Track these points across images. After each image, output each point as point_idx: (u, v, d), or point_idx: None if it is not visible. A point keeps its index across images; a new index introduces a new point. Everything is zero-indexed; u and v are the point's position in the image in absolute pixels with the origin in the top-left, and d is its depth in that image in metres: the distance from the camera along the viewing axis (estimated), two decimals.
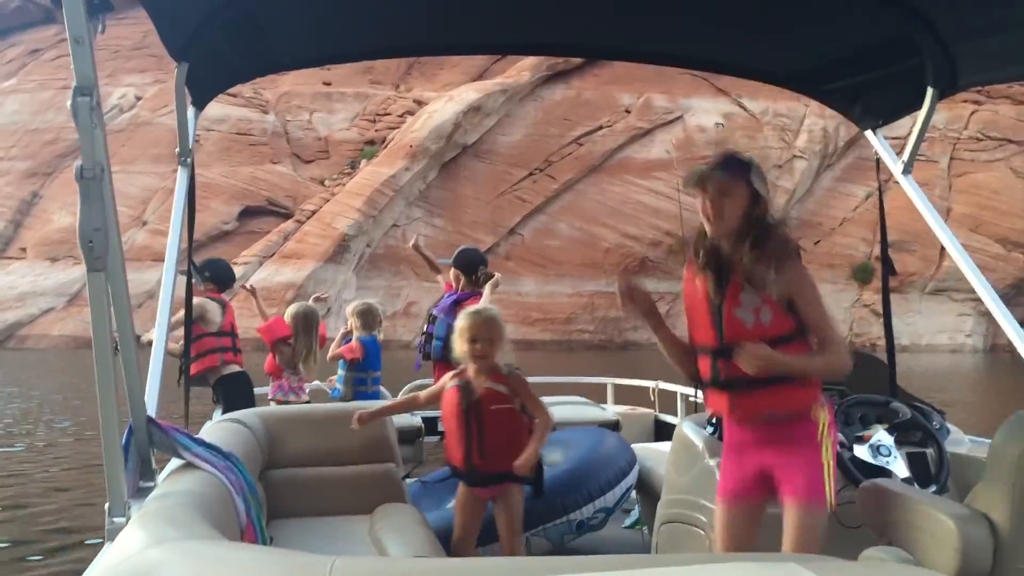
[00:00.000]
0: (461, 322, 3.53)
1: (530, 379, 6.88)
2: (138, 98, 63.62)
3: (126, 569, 1.48)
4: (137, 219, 57.38)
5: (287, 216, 58.49)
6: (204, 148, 59.90)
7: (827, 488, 2.58)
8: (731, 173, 2.66)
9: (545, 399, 6.09)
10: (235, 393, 6.09)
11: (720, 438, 3.14)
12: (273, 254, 53.91)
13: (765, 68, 3.94)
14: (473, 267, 5.56)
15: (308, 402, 6.56)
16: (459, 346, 3.51)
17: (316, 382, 6.87)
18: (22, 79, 66.89)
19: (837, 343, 2.60)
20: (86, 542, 6.97)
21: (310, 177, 61.95)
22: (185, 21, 2.90)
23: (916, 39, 3.21)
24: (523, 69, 62.06)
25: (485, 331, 3.48)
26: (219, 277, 6.57)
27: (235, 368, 6.30)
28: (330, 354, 6.52)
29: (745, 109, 62.97)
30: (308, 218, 56.82)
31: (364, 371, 6.76)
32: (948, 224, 3.64)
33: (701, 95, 62.06)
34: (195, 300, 5.95)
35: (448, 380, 3.58)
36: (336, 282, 52.23)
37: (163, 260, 3.05)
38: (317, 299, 7.93)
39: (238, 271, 6.66)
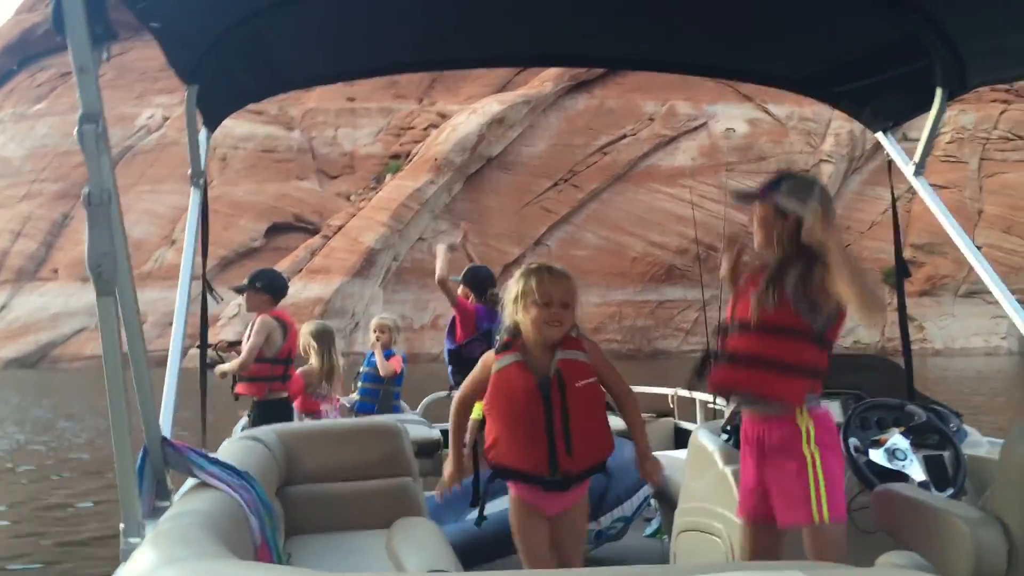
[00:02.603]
0: (524, 283, 2.86)
1: None
2: (165, 118, 64.44)
3: None
4: (166, 238, 58.07)
5: (314, 232, 58.91)
6: (231, 166, 60.58)
7: (812, 501, 2.64)
8: (775, 196, 2.81)
9: None
10: (270, 419, 5.87)
11: (735, 445, 3.13)
12: (301, 270, 54.27)
13: (775, 73, 3.94)
14: (483, 287, 5.48)
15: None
16: (521, 313, 2.82)
17: (340, 398, 6.89)
18: (52, 102, 67.97)
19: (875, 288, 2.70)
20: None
21: (336, 192, 62.39)
22: (193, 44, 2.93)
23: (924, 40, 3.19)
24: (546, 80, 62.18)
25: (562, 292, 2.83)
26: (273, 288, 6.14)
27: (283, 395, 6.02)
28: (388, 372, 6.58)
29: (770, 114, 62.64)
30: (335, 233, 57.19)
31: (398, 385, 6.84)
32: (980, 226, 3.61)
33: (726, 101, 61.83)
34: (261, 320, 5.88)
35: (493, 357, 2.90)
36: (363, 296, 52.51)
37: (192, 279, 3.09)
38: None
39: None
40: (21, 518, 9.25)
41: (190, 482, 2.47)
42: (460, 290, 5.47)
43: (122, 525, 2.10)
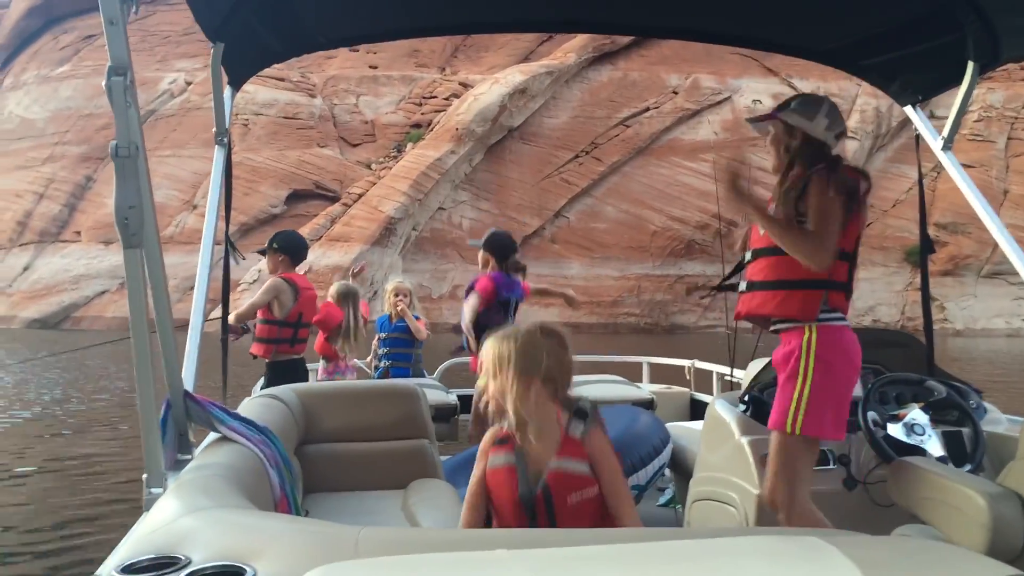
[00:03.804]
0: (491, 353, 2.31)
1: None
2: (188, 83, 64.52)
3: (160, 537, 1.52)
4: (188, 202, 58.34)
5: (334, 199, 59.01)
6: (252, 132, 60.66)
7: (789, 412, 2.74)
8: (784, 114, 3.00)
9: (579, 378, 6.11)
10: (283, 380, 5.91)
11: (752, 415, 3.14)
12: (320, 237, 54.45)
13: (804, 44, 3.90)
14: (505, 252, 5.41)
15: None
16: (516, 388, 2.25)
17: (356, 360, 6.95)
18: (76, 65, 68.16)
19: (814, 236, 2.73)
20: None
21: (357, 160, 62.40)
22: (220, 1, 2.94)
23: (957, 13, 3.14)
24: (569, 51, 61.75)
25: (532, 365, 2.27)
26: (290, 249, 6.14)
27: (293, 356, 6.03)
28: (422, 335, 6.70)
29: (795, 89, 61.98)
30: (355, 201, 57.27)
31: (419, 349, 6.93)
32: (1005, 206, 3.57)
33: (750, 75, 61.25)
34: (271, 281, 5.92)
35: (489, 447, 2.41)
36: (382, 265, 52.63)
37: (216, 243, 3.11)
38: (356, 274, 7.98)
39: None
40: (45, 470, 9.40)
41: (211, 437, 2.51)
42: (480, 255, 5.45)
43: (145, 476, 2.14)
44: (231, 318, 5.69)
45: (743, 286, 3.00)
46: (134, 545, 1.52)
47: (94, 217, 60.05)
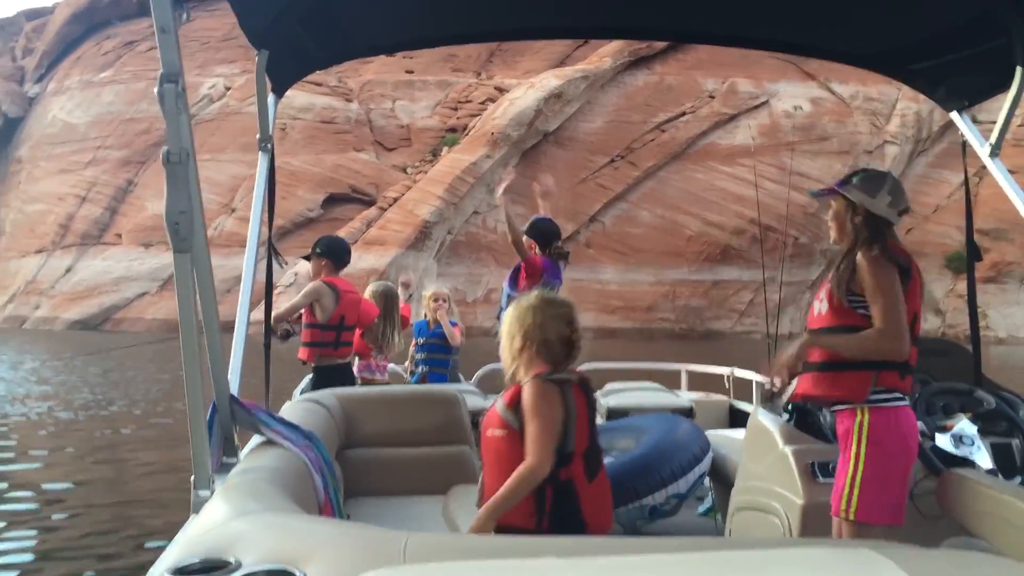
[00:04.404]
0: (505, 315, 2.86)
1: (604, 364, 6.84)
2: (227, 88, 65.25)
3: (210, 540, 1.53)
4: (226, 206, 58.97)
5: (370, 203, 59.35)
6: (290, 137, 61.18)
7: (844, 496, 2.73)
8: (846, 189, 2.98)
9: (618, 384, 6.08)
10: (327, 385, 5.89)
11: (796, 425, 3.11)
12: (356, 241, 54.80)
13: (848, 49, 3.84)
14: (548, 239, 5.40)
15: (388, 382, 6.67)
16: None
17: (392, 365, 6.96)
18: (117, 70, 69.21)
19: (882, 332, 2.72)
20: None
21: (392, 165, 62.72)
22: (265, 9, 2.97)
23: (1003, 18, 3.09)
24: (604, 55, 61.63)
25: (521, 327, 2.76)
26: (332, 253, 6.19)
27: (338, 361, 6.06)
28: (457, 341, 6.70)
29: (834, 93, 61.38)
30: (390, 205, 57.56)
31: (456, 355, 6.94)
32: None
33: (788, 79, 60.71)
34: (312, 285, 5.97)
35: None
36: (417, 268, 52.83)
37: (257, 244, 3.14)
38: (404, 286, 7.96)
39: None
40: (91, 473, 9.54)
41: (256, 440, 2.53)
42: (528, 241, 5.42)
43: (192, 478, 2.16)
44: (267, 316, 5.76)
45: (801, 367, 2.99)
46: (184, 548, 1.54)
47: (134, 220, 60.90)
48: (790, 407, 3.19)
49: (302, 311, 5.93)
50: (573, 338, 2.73)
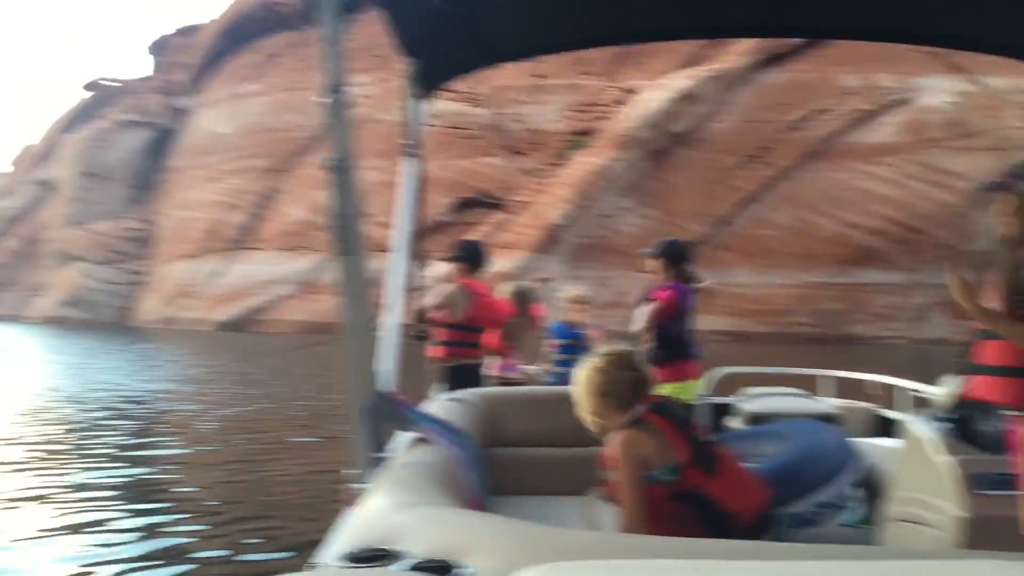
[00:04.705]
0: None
1: (741, 369, 6.70)
2: (363, 96, 67.24)
3: (374, 530, 1.59)
4: (364, 211, 60.67)
5: (499, 207, 59.97)
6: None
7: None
8: (1007, 181, 2.93)
9: (758, 390, 5.94)
10: (460, 384, 5.87)
11: (956, 433, 2.99)
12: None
13: (1007, 41, 3.62)
14: (681, 261, 5.34)
15: (524, 382, 6.75)
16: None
17: (528, 366, 7.03)
18: (262, 82, 72.36)
19: None
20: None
21: (521, 168, 63.19)
22: (418, 19, 3.06)
23: None
24: (737, 53, 60.32)
25: (595, 386, 2.97)
26: (467, 257, 6.36)
27: (471, 360, 6.22)
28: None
29: (984, 87, 58.16)
30: (519, 209, 57.99)
31: None
32: None
33: (933, 73, 57.88)
34: (447, 286, 6.14)
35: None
36: (546, 272, 53.03)
37: (385, 250, 3.25)
38: (537, 281, 8.07)
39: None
40: (240, 467, 9.99)
41: (405, 436, 2.61)
42: (653, 263, 5.38)
43: (348, 472, 2.26)
44: (405, 317, 5.93)
45: (973, 368, 2.93)
46: (350, 536, 1.60)
47: (277, 225, 63.53)
48: (951, 414, 3.07)
49: (438, 312, 6.09)
50: (640, 378, 2.94)
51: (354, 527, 1.71)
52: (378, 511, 1.73)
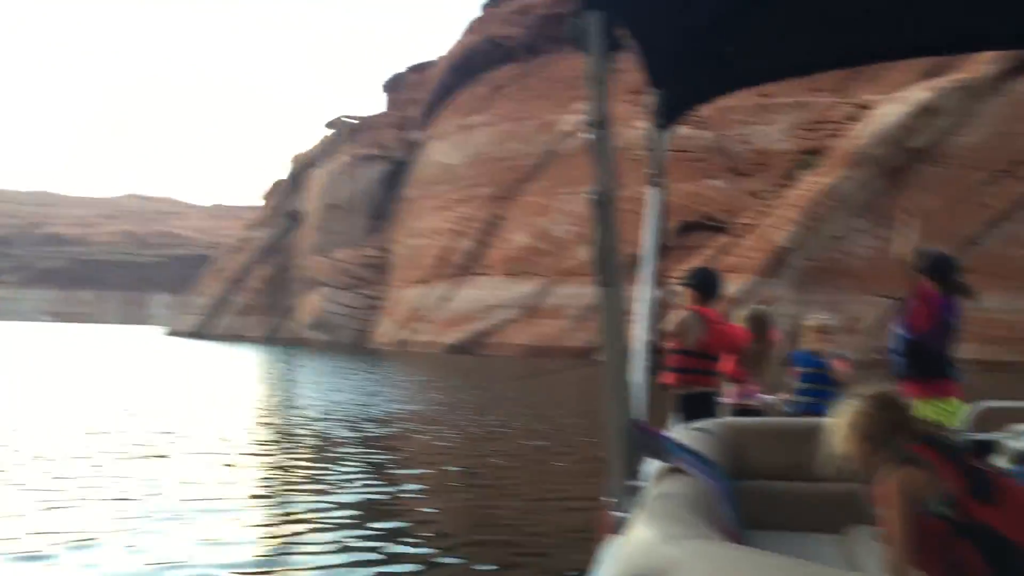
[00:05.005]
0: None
1: (1008, 403, 6.15)
2: (586, 123, 68.06)
3: (644, 561, 1.60)
4: (584, 236, 61.35)
5: (722, 230, 58.71)
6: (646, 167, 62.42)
7: None
8: None
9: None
10: (694, 412, 5.87)
11: None
12: None
13: None
14: (945, 273, 4.98)
15: (763, 410, 6.56)
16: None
17: (765, 395, 6.80)
18: (487, 114, 75.05)
19: None
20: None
21: (746, 190, 61.60)
22: (664, 50, 3.10)
23: None
24: (983, 61, 55.90)
25: (856, 429, 2.85)
26: (700, 284, 6.32)
27: (703, 388, 6.13)
28: (844, 377, 6.48)
29: None
30: (744, 232, 56.49)
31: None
32: None
33: None
34: (680, 313, 6.15)
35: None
36: (773, 296, 51.23)
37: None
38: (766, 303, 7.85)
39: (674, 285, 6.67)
40: (483, 492, 10.29)
41: (656, 464, 2.59)
42: (916, 277, 5.06)
43: (606, 499, 2.29)
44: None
45: None
46: (621, 566, 1.62)
47: (502, 252, 65.42)
48: None
49: (670, 339, 6.06)
50: (904, 417, 2.82)
51: (621, 557, 1.72)
52: (645, 542, 1.72)
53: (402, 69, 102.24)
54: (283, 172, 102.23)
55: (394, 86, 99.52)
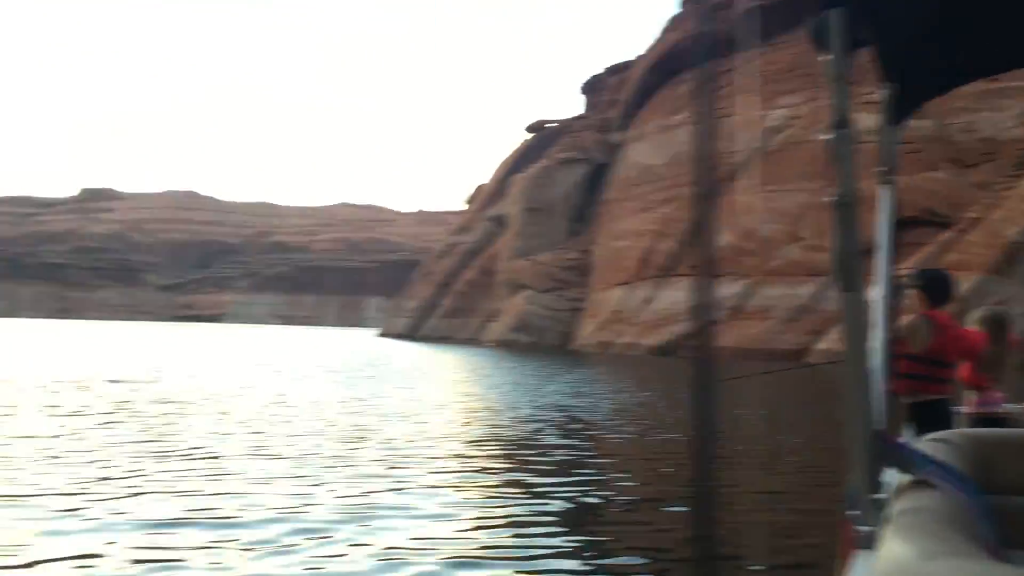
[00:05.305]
0: None
1: None
2: (793, 118, 65.74)
3: None
4: (792, 235, 59.25)
5: (945, 225, 54.95)
6: (863, 160, 59.49)
7: None
8: None
9: None
10: (927, 421, 5.56)
11: None
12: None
13: None
14: None
15: (1008, 418, 6.12)
16: None
17: (1010, 404, 6.33)
18: (689, 113, 73.99)
19: None
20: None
21: (972, 182, 57.35)
22: (902, 41, 3.01)
23: None
24: None
25: None
26: (927, 287, 6.04)
27: (933, 396, 5.88)
28: None
29: None
30: (970, 227, 52.62)
31: None
32: None
33: None
34: (909, 317, 5.89)
35: None
36: (1003, 295, 47.42)
37: (817, 275, 3.17)
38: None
39: None
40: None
41: (899, 476, 2.47)
42: None
43: (850, 513, 2.22)
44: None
45: None
46: None
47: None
48: None
49: (898, 344, 5.76)
50: None
51: (874, 573, 1.64)
52: (902, 559, 1.62)
53: (600, 70, 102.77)
54: (485, 177, 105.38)
55: (592, 88, 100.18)
